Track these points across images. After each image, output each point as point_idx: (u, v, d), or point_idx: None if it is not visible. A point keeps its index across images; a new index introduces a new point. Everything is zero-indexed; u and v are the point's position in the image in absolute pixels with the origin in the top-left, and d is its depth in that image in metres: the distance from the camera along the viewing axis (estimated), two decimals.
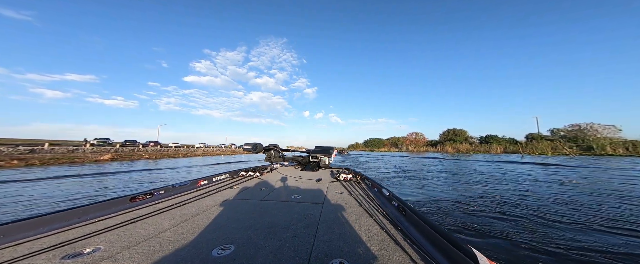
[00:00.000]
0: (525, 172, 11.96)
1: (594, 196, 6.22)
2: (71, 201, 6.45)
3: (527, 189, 7.34)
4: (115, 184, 9.57)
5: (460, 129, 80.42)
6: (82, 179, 10.63)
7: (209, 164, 20.54)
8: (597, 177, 9.91)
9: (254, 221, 1.72)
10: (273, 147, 4.63)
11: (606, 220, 4.24)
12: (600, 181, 8.86)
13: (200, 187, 2.87)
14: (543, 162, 18.45)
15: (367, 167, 15.92)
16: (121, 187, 8.79)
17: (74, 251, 1.21)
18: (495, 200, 5.85)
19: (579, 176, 10.35)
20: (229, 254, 1.20)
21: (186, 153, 39.95)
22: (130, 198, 2.03)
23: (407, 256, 1.20)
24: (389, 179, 10.19)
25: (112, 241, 1.33)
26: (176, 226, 1.60)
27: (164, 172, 14.10)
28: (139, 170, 15.14)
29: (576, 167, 14.67)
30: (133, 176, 12.27)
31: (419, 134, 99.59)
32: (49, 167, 17.14)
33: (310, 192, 2.71)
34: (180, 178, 10.45)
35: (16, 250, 1.21)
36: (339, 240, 1.38)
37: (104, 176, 12.07)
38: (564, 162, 18.39)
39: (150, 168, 16.59)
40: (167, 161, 26.13)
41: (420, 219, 1.48)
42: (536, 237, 3.49)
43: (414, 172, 12.29)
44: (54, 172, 13.55)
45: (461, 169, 13.89)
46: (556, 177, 10.23)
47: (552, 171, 12.76)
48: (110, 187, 8.82)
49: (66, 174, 12.34)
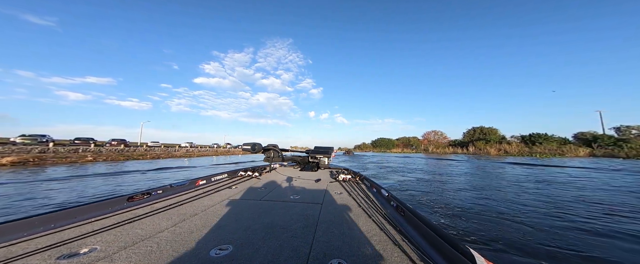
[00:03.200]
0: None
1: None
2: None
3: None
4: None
5: (490, 127, 70.26)
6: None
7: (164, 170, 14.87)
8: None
9: (253, 221, 1.71)
10: (272, 147, 4.59)
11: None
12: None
13: (199, 187, 2.85)
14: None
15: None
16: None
17: (69, 251, 1.20)
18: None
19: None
20: (227, 255, 1.20)
21: (159, 154, 30.64)
22: (128, 198, 2.02)
23: (405, 257, 1.20)
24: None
25: (109, 241, 1.32)
26: (174, 226, 1.59)
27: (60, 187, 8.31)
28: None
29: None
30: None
31: (439, 132, 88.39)
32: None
33: (309, 192, 2.71)
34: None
35: (11, 250, 1.20)
36: (337, 240, 1.39)
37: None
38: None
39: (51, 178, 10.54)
40: (110, 165, 18.46)
41: (419, 220, 1.49)
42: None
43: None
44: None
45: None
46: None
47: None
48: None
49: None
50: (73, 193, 7.93)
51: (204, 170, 15.56)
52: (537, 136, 51.98)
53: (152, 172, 13.94)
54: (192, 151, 41.36)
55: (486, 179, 10.72)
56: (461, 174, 12.64)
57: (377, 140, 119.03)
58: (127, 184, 9.69)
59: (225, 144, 67.02)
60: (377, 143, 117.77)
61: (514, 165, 18.54)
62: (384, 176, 12.09)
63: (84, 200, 6.66)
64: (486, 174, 12.71)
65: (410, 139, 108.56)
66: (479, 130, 72.03)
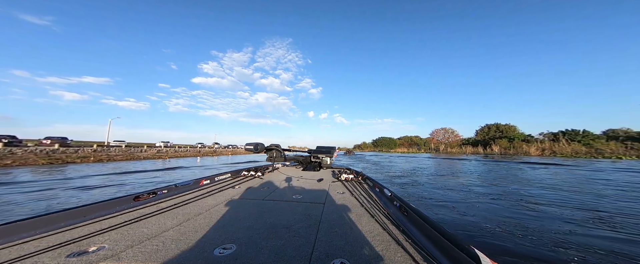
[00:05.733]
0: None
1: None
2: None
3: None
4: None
5: (507, 124, 63.59)
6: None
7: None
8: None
9: (256, 220, 1.70)
10: (275, 147, 4.54)
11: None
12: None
13: (203, 186, 2.82)
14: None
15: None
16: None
17: (79, 250, 1.21)
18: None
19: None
20: (231, 254, 1.19)
21: (114, 156, 23.29)
22: (134, 197, 2.02)
23: (408, 257, 1.18)
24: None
25: (116, 240, 1.33)
26: (179, 225, 1.59)
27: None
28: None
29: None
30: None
31: (449, 130, 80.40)
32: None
33: (311, 192, 2.68)
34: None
35: (23, 248, 1.21)
36: (340, 240, 1.37)
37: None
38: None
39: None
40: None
41: (422, 220, 1.46)
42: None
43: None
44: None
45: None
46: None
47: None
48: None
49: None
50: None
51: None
52: (574, 134, 44.73)
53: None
54: (166, 152, 33.77)
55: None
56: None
57: (379, 139, 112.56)
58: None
59: (212, 144, 59.38)
60: (378, 143, 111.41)
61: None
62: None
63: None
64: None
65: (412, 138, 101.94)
66: (495, 127, 65.35)
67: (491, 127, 66.00)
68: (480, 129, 70.11)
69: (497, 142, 53.13)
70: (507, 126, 62.72)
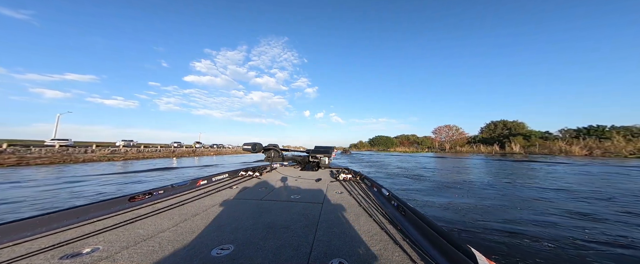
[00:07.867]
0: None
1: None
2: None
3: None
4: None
5: (514, 121, 59.23)
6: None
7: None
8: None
9: (254, 221, 1.69)
10: (273, 147, 4.54)
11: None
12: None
13: (200, 187, 2.80)
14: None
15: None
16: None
17: (72, 251, 1.18)
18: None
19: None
20: (228, 254, 1.18)
21: (32, 159, 16.57)
22: (129, 198, 1.98)
23: (406, 256, 1.18)
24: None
25: (111, 241, 1.30)
26: (175, 226, 1.57)
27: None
28: None
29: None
30: None
31: (454, 127, 74.57)
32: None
33: (309, 192, 2.67)
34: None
35: (14, 250, 1.18)
36: (338, 240, 1.37)
37: None
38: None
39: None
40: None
41: (420, 219, 1.46)
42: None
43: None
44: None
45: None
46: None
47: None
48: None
49: None
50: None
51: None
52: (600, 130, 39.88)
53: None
54: (125, 152, 26.90)
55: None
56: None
57: (375, 138, 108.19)
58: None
59: (194, 144, 52.12)
60: (374, 142, 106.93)
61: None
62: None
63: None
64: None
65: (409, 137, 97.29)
66: (501, 124, 61.01)
67: (497, 124, 61.53)
68: (485, 126, 65.57)
69: (513, 140, 48.17)
70: (515, 122, 58.33)
